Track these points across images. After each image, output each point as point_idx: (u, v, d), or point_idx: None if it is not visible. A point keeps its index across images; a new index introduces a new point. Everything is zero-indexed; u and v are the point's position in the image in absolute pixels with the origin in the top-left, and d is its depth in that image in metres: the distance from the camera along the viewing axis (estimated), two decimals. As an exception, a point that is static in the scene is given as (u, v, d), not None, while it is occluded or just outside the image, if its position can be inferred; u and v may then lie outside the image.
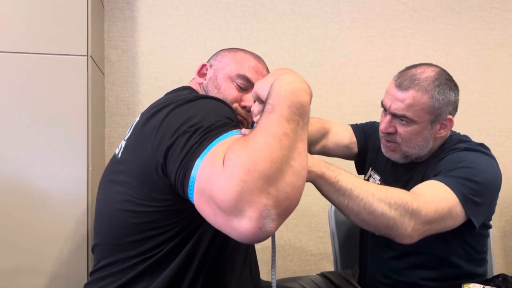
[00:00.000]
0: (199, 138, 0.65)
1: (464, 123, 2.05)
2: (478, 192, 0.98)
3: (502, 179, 1.06)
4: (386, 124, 1.10)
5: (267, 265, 1.86)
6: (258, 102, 0.74)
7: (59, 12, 1.31)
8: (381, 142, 1.17)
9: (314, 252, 2.00)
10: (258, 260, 1.02)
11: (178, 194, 0.69)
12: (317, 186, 0.85)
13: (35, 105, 1.30)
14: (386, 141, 1.13)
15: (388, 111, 1.10)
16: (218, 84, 0.96)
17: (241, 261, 0.91)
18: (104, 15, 1.74)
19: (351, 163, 1.40)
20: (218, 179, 0.56)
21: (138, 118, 0.82)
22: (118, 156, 0.84)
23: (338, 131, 1.33)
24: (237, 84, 0.96)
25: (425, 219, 0.88)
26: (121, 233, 0.80)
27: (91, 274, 0.87)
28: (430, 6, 2.08)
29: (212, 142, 0.63)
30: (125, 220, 0.79)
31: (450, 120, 1.08)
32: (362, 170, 1.37)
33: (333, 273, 1.41)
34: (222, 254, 0.84)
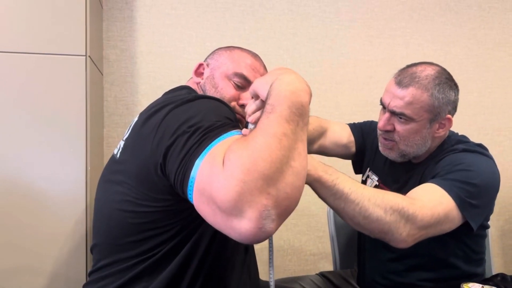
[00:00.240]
0: (199, 138, 0.65)
1: (462, 123, 2.05)
2: (476, 194, 0.97)
3: (500, 179, 1.06)
4: (385, 121, 1.09)
5: (267, 265, 1.85)
6: (255, 98, 0.73)
7: (58, 12, 1.31)
8: (378, 140, 1.16)
9: (313, 251, 2.00)
10: (257, 260, 1.02)
11: (178, 194, 0.69)
12: (314, 189, 0.85)
13: (33, 105, 1.30)
14: (384, 139, 1.12)
15: (387, 109, 1.09)
16: (215, 83, 0.96)
17: (240, 261, 0.91)
18: (102, 15, 1.74)
19: (349, 162, 1.39)
20: (218, 180, 0.56)
21: (136, 118, 0.82)
22: (117, 156, 0.84)
23: (336, 130, 1.32)
24: (234, 82, 0.95)
25: (421, 224, 0.88)
26: (120, 233, 0.79)
27: (90, 274, 0.87)
28: (429, 5, 2.09)
29: (211, 143, 0.63)
30: (124, 220, 0.78)
31: (449, 119, 1.08)
32: (359, 169, 1.37)
33: (332, 272, 1.41)
34: (222, 254, 0.84)
